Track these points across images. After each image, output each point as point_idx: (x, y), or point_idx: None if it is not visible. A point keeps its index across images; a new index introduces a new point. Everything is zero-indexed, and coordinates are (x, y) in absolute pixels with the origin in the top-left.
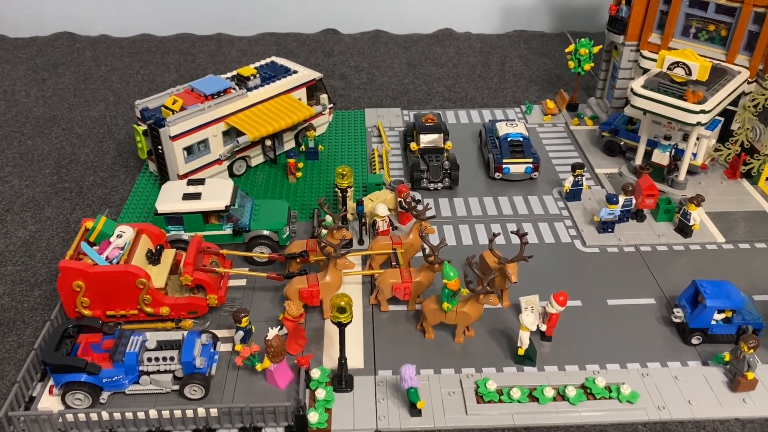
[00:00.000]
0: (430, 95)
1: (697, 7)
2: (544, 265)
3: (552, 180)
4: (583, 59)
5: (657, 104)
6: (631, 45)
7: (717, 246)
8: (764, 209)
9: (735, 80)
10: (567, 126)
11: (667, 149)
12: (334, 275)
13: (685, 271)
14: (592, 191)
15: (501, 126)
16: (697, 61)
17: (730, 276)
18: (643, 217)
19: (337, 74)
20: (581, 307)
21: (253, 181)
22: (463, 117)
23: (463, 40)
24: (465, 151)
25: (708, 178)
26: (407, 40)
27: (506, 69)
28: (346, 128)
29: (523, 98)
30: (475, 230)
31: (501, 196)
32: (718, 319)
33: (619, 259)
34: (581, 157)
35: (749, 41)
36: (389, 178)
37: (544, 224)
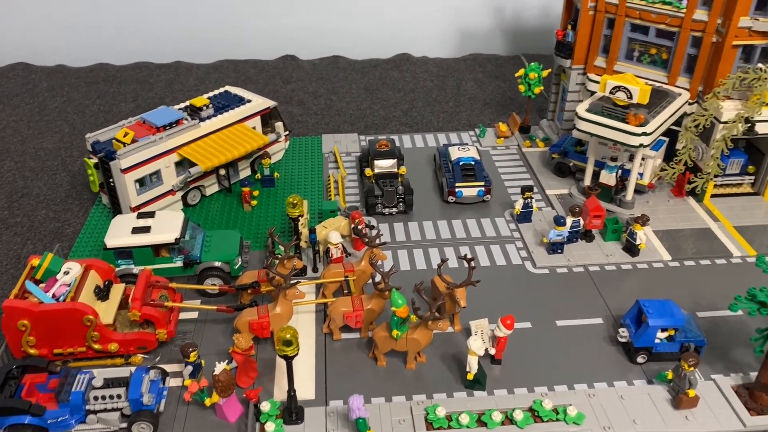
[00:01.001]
0: (387, 120)
1: (638, 32)
2: (495, 287)
3: (504, 202)
4: (533, 83)
5: (601, 127)
6: (578, 69)
7: (663, 264)
8: (709, 226)
9: (676, 102)
10: (520, 148)
11: (614, 170)
12: (285, 306)
13: (633, 289)
14: (543, 213)
15: (453, 150)
16: (637, 85)
17: (676, 293)
18: (591, 238)
19: (295, 100)
20: (531, 328)
21: (208, 211)
22: (419, 141)
23: (420, 65)
24: (421, 175)
25: (655, 197)
26: (365, 65)
27: (461, 92)
28: (303, 155)
29: (477, 121)
30: (429, 254)
31: (455, 220)
32: (662, 338)
33: (568, 279)
34: (533, 179)
35: (689, 64)
36: (344, 204)
37: (496, 246)
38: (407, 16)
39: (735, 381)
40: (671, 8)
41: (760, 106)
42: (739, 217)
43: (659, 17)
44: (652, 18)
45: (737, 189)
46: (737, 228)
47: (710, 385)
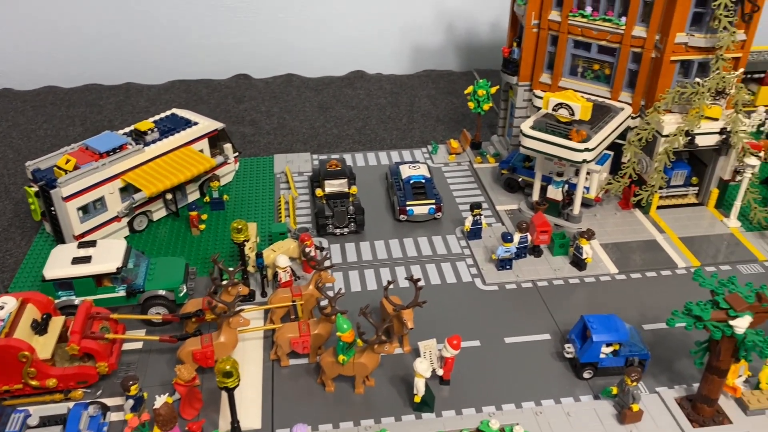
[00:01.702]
0: (340, 138)
1: (581, 48)
2: (445, 306)
3: (456, 219)
4: (481, 100)
5: (545, 144)
6: (524, 85)
7: (610, 277)
8: (655, 238)
9: (619, 116)
10: (471, 164)
11: (560, 185)
12: (229, 334)
13: (580, 304)
14: (493, 229)
15: (404, 168)
16: (578, 102)
17: (622, 306)
18: (540, 253)
19: (247, 120)
20: (480, 347)
21: (155, 236)
22: (372, 159)
23: (374, 82)
24: (373, 193)
25: (603, 210)
26: (319, 83)
27: (415, 109)
28: (254, 176)
29: (430, 137)
30: (380, 274)
31: (407, 238)
32: (607, 353)
33: (517, 295)
34: (484, 195)
35: (630, 79)
36: (295, 226)
37: (447, 264)
38: (361, 33)
39: (679, 393)
40: (611, 25)
41: (699, 120)
42: (685, 228)
43: (600, 34)
44: (593, 35)
45: (682, 200)
46: (682, 239)
47: (654, 398)
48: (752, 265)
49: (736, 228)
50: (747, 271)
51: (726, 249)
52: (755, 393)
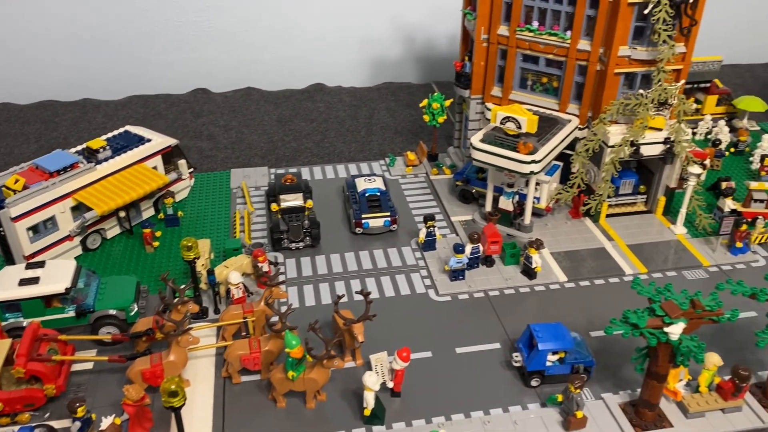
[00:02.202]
0: (298, 152)
1: (530, 62)
2: (399, 318)
3: (412, 231)
4: (436, 113)
5: (494, 156)
6: (476, 98)
7: (560, 285)
8: (604, 246)
9: (566, 128)
10: (428, 176)
11: (511, 196)
12: (178, 353)
13: (530, 312)
14: (447, 240)
15: (360, 182)
16: (525, 115)
17: (571, 314)
18: (492, 263)
19: (205, 135)
20: (431, 358)
21: (109, 254)
22: (330, 172)
23: (333, 94)
24: (331, 207)
25: (554, 219)
26: (279, 97)
27: (374, 121)
28: (210, 191)
29: (389, 150)
30: (336, 288)
31: (362, 251)
32: (553, 360)
33: (469, 305)
34: (439, 206)
35: (577, 91)
36: (249, 241)
37: (402, 276)
38: (321, 46)
39: (623, 398)
40: (557, 39)
41: (643, 130)
42: (633, 235)
43: (547, 48)
44: (540, 49)
45: (631, 208)
46: (630, 246)
47: (599, 404)
48: (697, 271)
49: (682, 234)
50: (692, 276)
51: (672, 255)
52: (695, 396)
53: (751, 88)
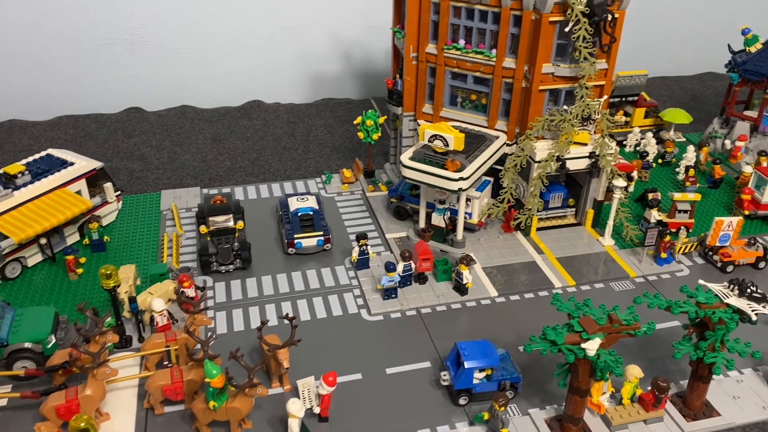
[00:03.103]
0: (232, 171)
1: (458, 79)
2: (330, 340)
3: (347, 249)
4: (370, 130)
5: (423, 174)
6: (408, 115)
7: (491, 300)
8: (534, 260)
9: (494, 145)
10: (364, 193)
11: (442, 212)
12: (95, 386)
13: (461, 329)
14: (382, 257)
15: (292, 201)
16: (451, 133)
17: (502, 329)
18: (425, 280)
19: (136, 155)
20: (361, 379)
21: (30, 283)
22: (265, 191)
23: (271, 111)
24: (264, 227)
25: (487, 234)
26: (214, 114)
27: (311, 138)
28: (139, 214)
29: (325, 167)
30: (266, 311)
31: (295, 272)
32: (480, 378)
33: (401, 324)
34: (374, 224)
35: (505, 108)
36: (177, 265)
37: (334, 296)
38: (258, 62)
39: (549, 414)
40: (483, 57)
41: (568, 145)
42: (563, 248)
43: (474, 65)
44: (467, 66)
45: (562, 221)
46: (560, 259)
47: (526, 420)
48: (624, 282)
49: (610, 246)
50: (619, 288)
51: (600, 267)
52: (618, 409)
53: (681, 99)
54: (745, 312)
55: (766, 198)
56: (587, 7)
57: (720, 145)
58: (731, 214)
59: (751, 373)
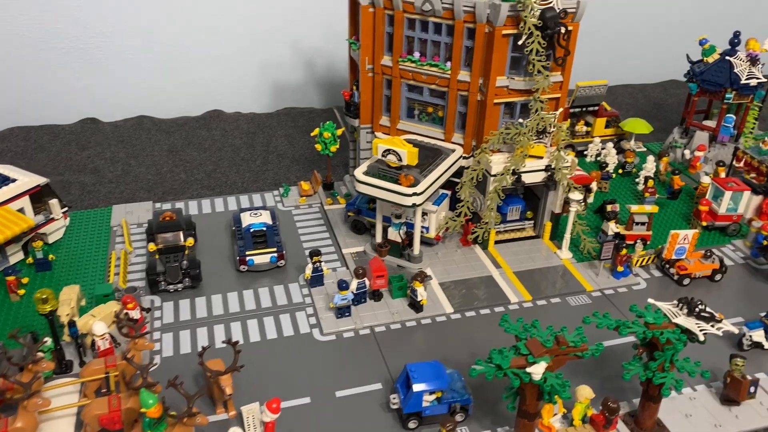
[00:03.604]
0: (188, 183)
1: (414, 92)
2: (280, 362)
3: (301, 266)
4: (328, 142)
5: (377, 189)
6: (366, 127)
7: (446, 317)
8: (491, 274)
9: (450, 158)
10: (322, 206)
11: (398, 227)
12: (26, 418)
13: (414, 348)
14: (337, 274)
15: (245, 216)
16: (405, 148)
17: (455, 347)
18: (380, 297)
19: (89, 168)
20: (310, 404)
21: None
22: (220, 205)
23: (231, 121)
24: (218, 243)
25: (445, 248)
26: (172, 125)
27: (271, 149)
28: (88, 231)
29: (284, 179)
30: (214, 332)
31: (247, 290)
32: (430, 400)
33: (353, 344)
34: (331, 238)
35: (461, 121)
36: (125, 285)
37: (286, 316)
38: (219, 71)
39: None
40: (438, 70)
41: (523, 159)
42: (521, 261)
43: (429, 78)
44: (423, 79)
45: (520, 233)
46: (517, 273)
47: None
48: (580, 296)
49: (567, 259)
50: (575, 303)
51: (557, 281)
52: (569, 430)
53: (643, 107)
54: (693, 332)
55: (723, 209)
56: (540, 20)
57: (680, 154)
58: (689, 225)
59: (704, 390)
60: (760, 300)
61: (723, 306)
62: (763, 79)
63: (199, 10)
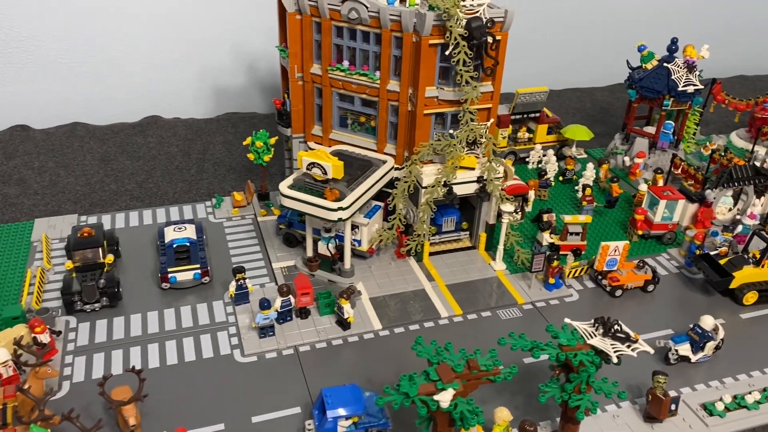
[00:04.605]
0: (117, 194)
1: (346, 101)
2: (197, 386)
3: (229, 282)
4: (260, 151)
5: (302, 204)
6: (298, 137)
7: (374, 334)
8: (424, 287)
9: (380, 170)
10: (255, 217)
11: (327, 241)
12: None
13: (338, 368)
14: (265, 290)
15: (168, 231)
16: (329, 161)
17: (381, 366)
18: (306, 314)
19: (14, 179)
20: (223, 431)
21: None
22: (148, 217)
23: (168, 128)
24: (143, 258)
25: (379, 261)
26: (107, 132)
27: (207, 157)
28: (6, 247)
29: (219, 189)
30: (130, 355)
31: (168, 309)
32: (346, 426)
33: (275, 365)
34: (262, 251)
35: (393, 131)
36: (38, 306)
37: (207, 336)
38: (158, 75)
39: None
40: (367, 79)
41: (454, 170)
42: (454, 273)
43: (359, 87)
44: (353, 88)
45: (457, 244)
46: (450, 286)
47: None
48: (512, 309)
49: (501, 271)
50: (506, 316)
51: (489, 294)
52: None
53: (590, 111)
54: (608, 354)
55: (658, 218)
56: (466, 30)
57: (621, 161)
58: (626, 234)
59: (628, 407)
60: (692, 311)
61: (654, 317)
62: (700, 86)
63: (138, 14)
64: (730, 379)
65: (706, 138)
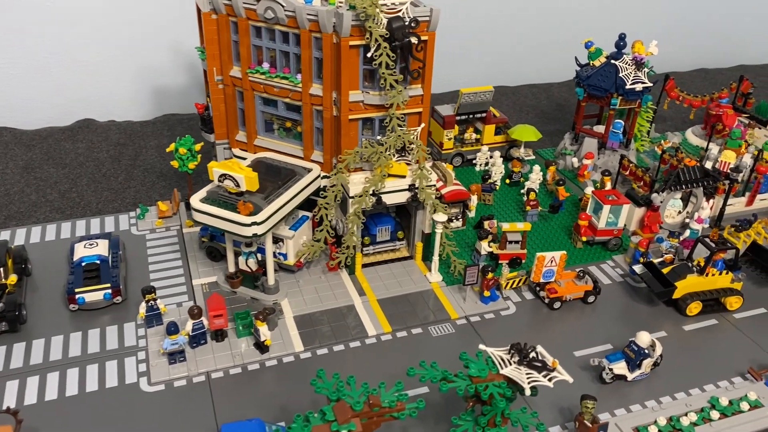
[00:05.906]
0: (37, 206)
1: (270, 106)
2: (94, 420)
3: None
4: (185, 158)
5: (214, 219)
6: (222, 143)
7: (295, 357)
8: (353, 303)
9: (304, 179)
10: (181, 229)
11: (248, 255)
12: None
13: (251, 397)
14: (181, 309)
15: (78, 247)
16: (242, 173)
17: (298, 391)
18: (223, 336)
19: None
20: None
21: None
22: (66, 231)
23: (101, 132)
24: (56, 277)
25: (308, 274)
26: (35, 137)
27: (138, 163)
28: None
29: (146, 198)
30: (25, 385)
31: (75, 332)
32: None
33: (183, 394)
34: (184, 267)
35: (319, 137)
36: None
37: (113, 362)
38: (92, 77)
39: None
40: (289, 83)
41: (383, 179)
42: (387, 286)
43: (282, 91)
44: (275, 92)
45: (393, 255)
46: (381, 301)
47: None
48: (444, 325)
49: (436, 282)
50: (437, 332)
51: (422, 309)
52: None
53: (545, 109)
54: (521, 384)
55: (602, 223)
56: (387, 31)
57: (570, 163)
58: (570, 240)
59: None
60: (635, 323)
61: (594, 331)
62: (648, 84)
63: (67, 12)
64: (668, 398)
65: (660, 136)
